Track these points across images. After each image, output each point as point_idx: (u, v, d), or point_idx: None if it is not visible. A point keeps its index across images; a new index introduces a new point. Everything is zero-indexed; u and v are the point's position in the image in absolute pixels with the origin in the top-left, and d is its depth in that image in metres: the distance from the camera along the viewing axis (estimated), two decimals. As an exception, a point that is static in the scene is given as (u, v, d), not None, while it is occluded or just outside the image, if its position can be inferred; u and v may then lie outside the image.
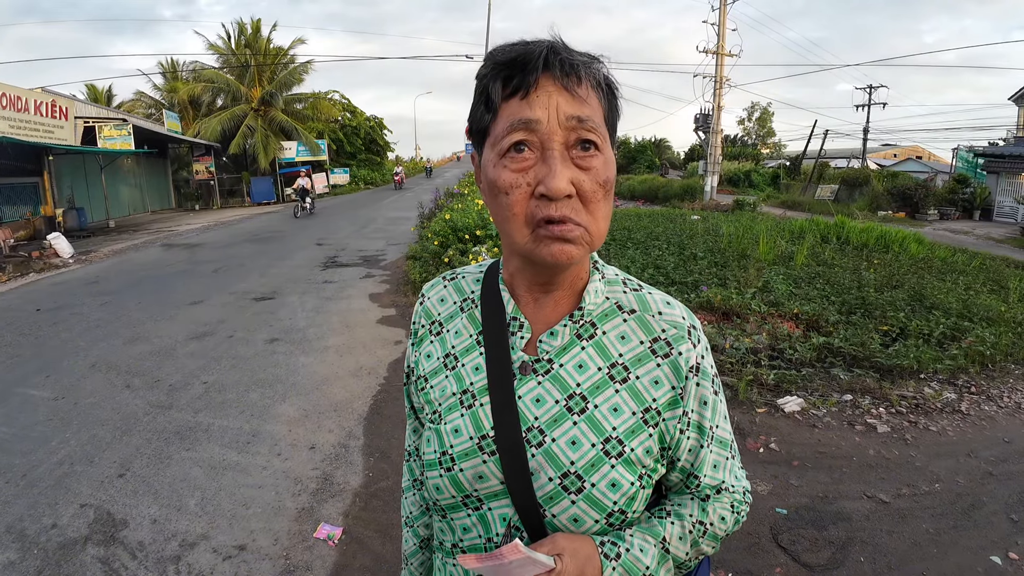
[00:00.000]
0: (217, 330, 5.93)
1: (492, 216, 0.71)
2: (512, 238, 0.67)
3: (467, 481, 0.74)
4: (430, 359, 0.82)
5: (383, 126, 36.56)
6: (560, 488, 0.70)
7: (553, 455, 0.71)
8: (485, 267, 0.85)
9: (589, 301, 0.75)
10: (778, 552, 2.54)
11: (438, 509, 0.80)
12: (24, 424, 3.83)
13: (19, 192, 13.77)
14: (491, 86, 0.66)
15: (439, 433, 0.76)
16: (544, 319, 0.76)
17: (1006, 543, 2.60)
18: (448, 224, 8.31)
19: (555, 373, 0.74)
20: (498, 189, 0.66)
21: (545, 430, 0.72)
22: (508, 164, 0.65)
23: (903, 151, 40.46)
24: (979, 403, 4.12)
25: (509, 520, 0.74)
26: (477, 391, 0.76)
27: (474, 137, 0.73)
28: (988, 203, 20.60)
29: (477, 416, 0.74)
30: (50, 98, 13.95)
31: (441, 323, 0.84)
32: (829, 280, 7.18)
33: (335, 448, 3.52)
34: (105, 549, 2.58)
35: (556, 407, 0.72)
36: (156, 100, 26.34)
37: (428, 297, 0.87)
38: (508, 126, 0.64)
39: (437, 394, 0.79)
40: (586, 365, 0.73)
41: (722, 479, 0.79)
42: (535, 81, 0.64)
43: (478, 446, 0.73)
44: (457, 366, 0.79)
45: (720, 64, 22.28)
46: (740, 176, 31.74)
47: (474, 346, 0.79)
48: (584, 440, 0.71)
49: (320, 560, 2.53)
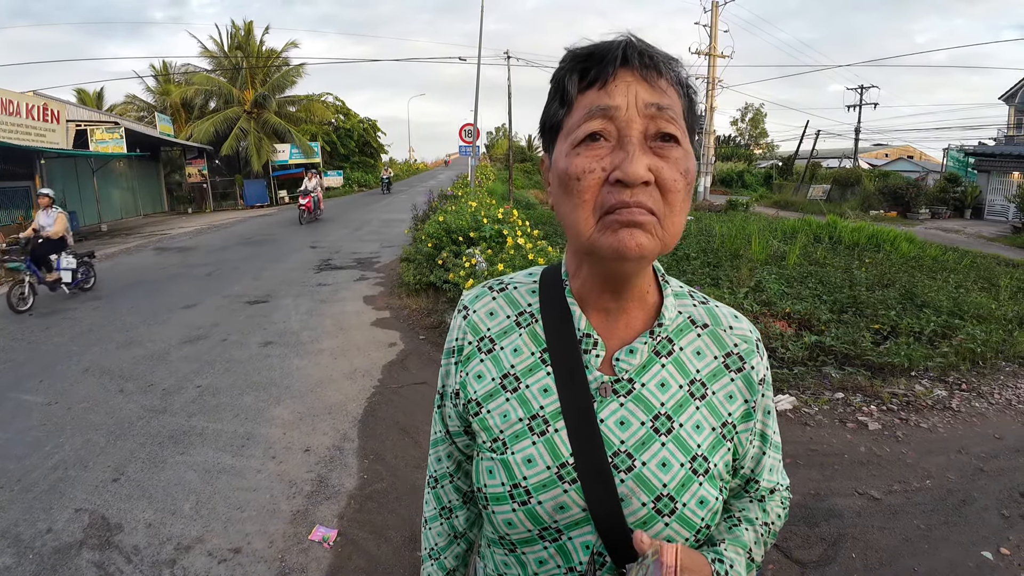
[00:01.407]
0: (211, 334, 5.92)
1: (561, 215, 0.66)
2: (577, 229, 0.63)
3: (546, 514, 0.69)
4: (481, 380, 0.75)
5: (377, 128, 36.51)
6: (654, 512, 0.68)
7: (645, 479, 0.68)
8: (537, 276, 0.79)
9: (668, 317, 0.73)
10: (770, 549, 2.56)
11: (506, 543, 0.74)
12: (18, 429, 3.82)
13: (10, 196, 13.68)
14: (567, 78, 0.64)
15: (507, 464, 0.70)
16: (617, 335, 0.73)
17: (997, 539, 2.63)
18: (442, 226, 8.31)
19: (638, 393, 0.71)
20: (569, 176, 0.62)
21: (634, 454, 0.69)
22: (581, 151, 0.62)
23: (894, 151, 40.72)
24: (970, 400, 4.16)
25: (592, 548, 0.70)
26: (549, 416, 0.70)
27: (545, 136, 0.70)
28: (979, 202, 20.78)
29: (553, 443, 0.69)
30: (42, 101, 13.88)
31: (492, 339, 0.76)
32: (821, 279, 7.23)
33: (330, 451, 3.52)
34: (100, 553, 2.57)
35: (643, 429, 0.70)
36: (148, 103, 26.21)
37: (474, 310, 0.78)
38: (585, 114, 0.62)
39: (497, 420, 0.73)
40: (668, 383, 0.72)
41: (777, 481, 0.82)
42: (614, 72, 0.62)
43: (557, 475, 0.68)
44: (520, 388, 0.73)
45: (712, 65, 22.40)
46: (733, 176, 31.91)
47: (539, 365, 0.73)
48: (674, 461, 0.69)
49: (315, 562, 2.53)
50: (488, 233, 7.70)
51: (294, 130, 25.43)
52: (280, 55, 26.92)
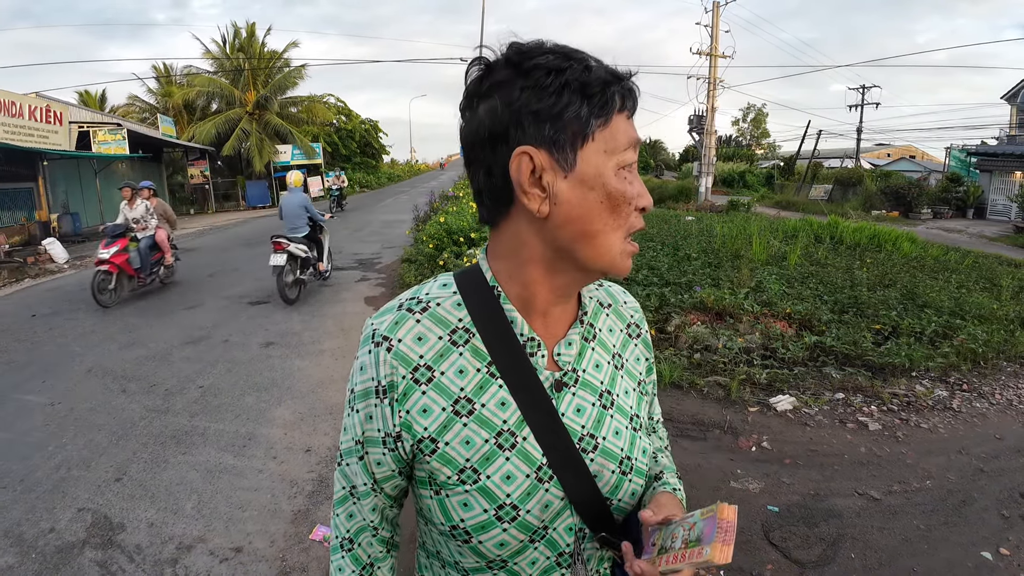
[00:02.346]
0: (212, 334, 5.94)
1: (582, 226, 0.66)
2: (609, 248, 0.67)
3: (535, 518, 0.71)
4: (428, 413, 0.70)
5: (378, 129, 36.60)
6: (620, 475, 0.76)
7: (608, 451, 0.75)
8: (452, 286, 0.75)
9: (589, 306, 0.80)
10: (769, 549, 2.57)
11: (495, 565, 0.74)
12: (21, 430, 3.84)
13: (13, 197, 13.72)
14: (614, 96, 0.65)
15: (485, 490, 0.69)
16: (552, 331, 0.75)
17: (997, 539, 2.63)
18: (442, 227, 8.34)
19: (583, 380, 0.76)
20: (624, 199, 0.66)
21: (595, 433, 0.75)
22: (627, 177, 0.67)
23: (896, 151, 40.66)
24: (971, 400, 4.16)
25: (575, 528, 0.74)
26: (513, 427, 0.70)
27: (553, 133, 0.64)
28: (981, 201, 20.74)
29: (525, 451, 0.70)
30: (44, 103, 13.93)
31: (429, 366, 0.70)
32: (822, 279, 7.23)
33: (331, 451, 3.53)
34: (103, 553, 2.59)
35: (595, 409, 0.76)
36: (150, 104, 26.28)
37: (398, 339, 0.71)
38: (628, 141, 0.67)
39: (460, 450, 0.70)
40: (600, 364, 0.79)
41: (659, 416, 0.97)
42: (636, 105, 0.69)
43: (537, 479, 0.70)
44: (475, 409, 0.70)
45: (713, 66, 22.38)
46: (735, 177, 31.88)
47: (488, 380, 0.71)
48: (621, 427, 0.78)
49: (316, 561, 2.55)
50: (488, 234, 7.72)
51: (296, 131, 25.48)
52: (282, 56, 26.98)
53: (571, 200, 0.65)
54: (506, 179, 0.66)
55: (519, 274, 0.72)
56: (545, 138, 0.64)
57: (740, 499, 2.96)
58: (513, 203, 0.68)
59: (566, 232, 0.66)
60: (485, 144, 0.67)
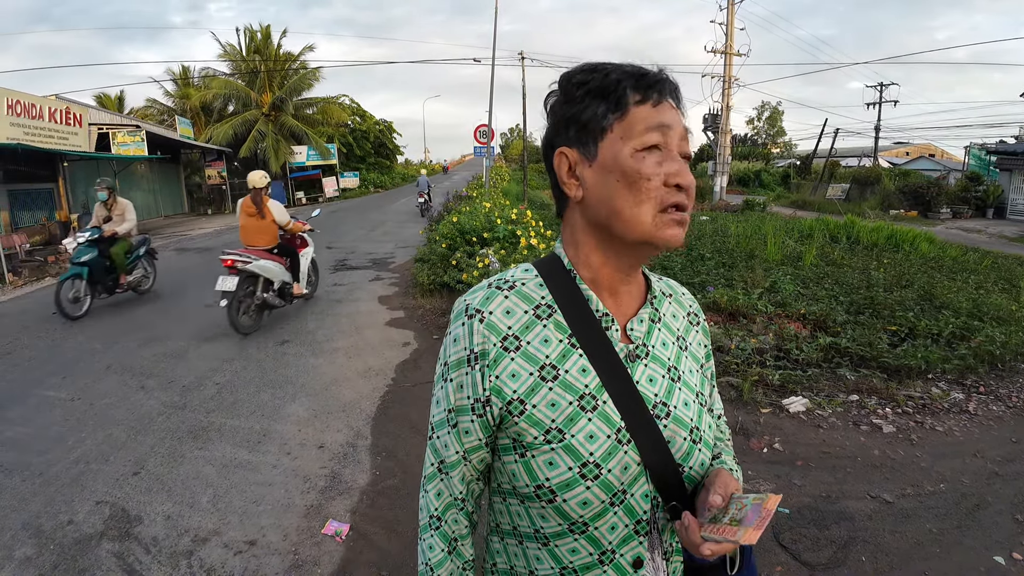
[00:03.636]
0: (229, 332, 6.01)
1: (607, 204, 0.77)
2: (638, 220, 0.75)
3: (616, 479, 0.77)
4: (516, 378, 0.77)
5: (392, 129, 36.82)
6: (691, 443, 0.82)
7: (680, 419, 0.82)
8: (533, 271, 0.85)
9: (656, 291, 0.89)
10: (779, 551, 2.56)
11: (577, 528, 0.78)
12: (41, 424, 3.92)
13: (35, 198, 14.00)
14: (626, 91, 0.75)
15: (570, 448, 0.75)
16: (623, 311, 0.84)
17: (1010, 543, 2.59)
18: (455, 227, 8.37)
19: (653, 354, 0.84)
20: (641, 175, 0.74)
21: (667, 401, 0.82)
22: (647, 157, 0.75)
23: (915, 149, 40.07)
24: (987, 403, 4.10)
25: (650, 495, 0.80)
26: (594, 391, 0.78)
27: (580, 134, 0.78)
28: (1001, 201, 20.38)
29: (606, 414, 0.77)
30: (64, 105, 14.18)
31: (517, 336, 0.79)
32: (837, 280, 7.15)
33: (343, 447, 3.58)
34: (120, 544, 2.65)
35: (665, 381, 0.83)
36: (168, 107, 26.66)
37: (489, 311, 0.79)
38: (647, 126, 0.75)
39: (547, 411, 0.76)
40: (667, 343, 0.87)
41: (721, 408, 1.00)
42: (664, 96, 0.77)
43: (616, 440, 0.77)
44: (560, 375, 0.78)
45: (728, 64, 22.21)
46: (750, 176, 31.61)
47: (570, 350, 0.79)
48: (690, 399, 0.85)
49: (328, 556, 2.58)
50: (502, 234, 7.74)
51: (311, 132, 25.72)
52: (297, 58, 27.24)
53: (596, 183, 0.77)
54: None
55: (584, 258, 0.83)
56: (573, 138, 0.79)
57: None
58: (566, 196, 0.82)
59: (600, 211, 0.78)
60: (546, 151, 0.83)
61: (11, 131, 11.91)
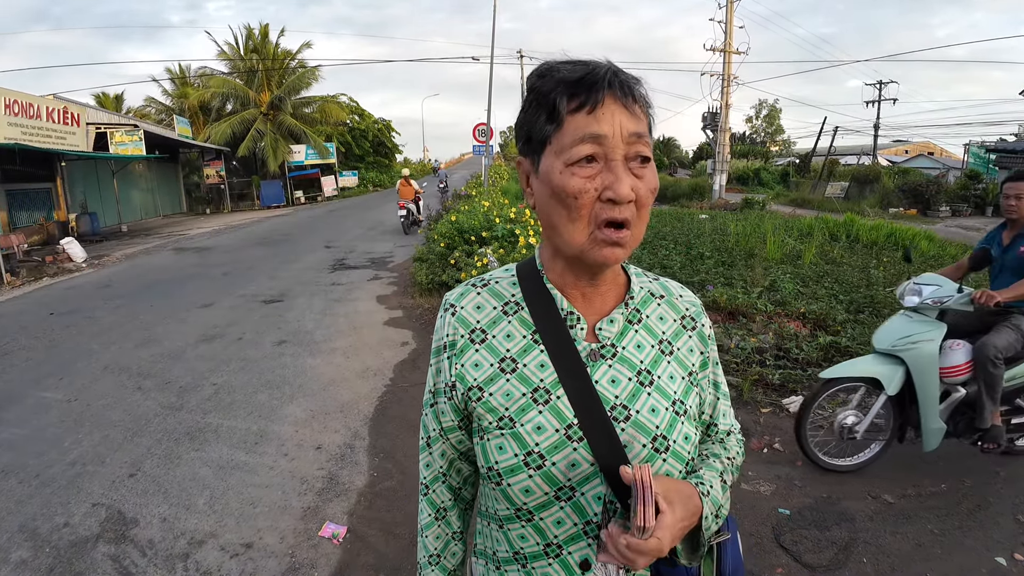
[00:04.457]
0: (226, 332, 6.00)
1: (547, 218, 0.77)
2: (571, 238, 0.74)
3: (560, 473, 0.76)
4: (479, 368, 0.82)
5: (391, 128, 36.75)
6: (652, 451, 0.79)
7: (641, 424, 0.79)
8: (513, 270, 0.89)
9: (635, 292, 0.86)
10: (779, 552, 2.54)
11: (523, 514, 0.80)
12: (38, 425, 3.91)
13: (33, 198, 13.97)
14: (558, 100, 0.72)
15: (518, 436, 0.78)
16: (595, 311, 0.84)
17: (1012, 544, 2.58)
18: (454, 226, 8.35)
19: (621, 355, 0.82)
20: (567, 193, 0.72)
21: (628, 405, 0.80)
22: (577, 172, 0.71)
23: (915, 147, 40.08)
24: (987, 402, 4.08)
25: (604, 497, 0.78)
26: (549, 386, 0.79)
27: (529, 145, 0.78)
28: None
29: (558, 408, 0.78)
30: (62, 104, 14.15)
31: (483, 330, 0.84)
32: (837, 279, 7.14)
33: (341, 448, 3.56)
34: (116, 547, 2.63)
35: (631, 384, 0.81)
36: (166, 106, 26.61)
37: (461, 306, 0.86)
38: (577, 138, 0.71)
39: (501, 400, 0.80)
40: (643, 345, 0.84)
41: (731, 423, 0.95)
42: (602, 99, 0.71)
43: (566, 436, 0.77)
44: (518, 368, 0.80)
45: (727, 62, 22.19)
46: (749, 174, 31.56)
47: (532, 345, 0.81)
48: (660, 407, 0.81)
49: (325, 558, 2.57)
50: (500, 232, 7.72)
51: (309, 131, 25.66)
52: (295, 57, 27.18)
53: (540, 196, 0.77)
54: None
55: (551, 260, 0.84)
56: (525, 148, 0.79)
57: (751, 502, 2.93)
58: None
59: (542, 222, 0.79)
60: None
61: (9, 131, 11.88)
